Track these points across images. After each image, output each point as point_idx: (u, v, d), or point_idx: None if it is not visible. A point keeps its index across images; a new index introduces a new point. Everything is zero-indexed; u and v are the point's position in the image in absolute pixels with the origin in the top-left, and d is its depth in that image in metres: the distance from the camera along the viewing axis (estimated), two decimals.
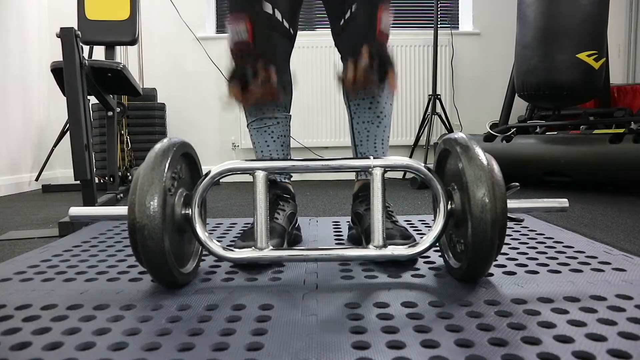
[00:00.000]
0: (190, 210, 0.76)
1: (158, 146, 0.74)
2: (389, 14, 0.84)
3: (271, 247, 0.78)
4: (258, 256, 0.77)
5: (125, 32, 2.22)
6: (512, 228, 1.23)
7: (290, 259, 0.78)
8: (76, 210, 0.78)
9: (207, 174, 0.78)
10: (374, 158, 0.78)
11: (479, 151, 0.71)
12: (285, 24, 0.97)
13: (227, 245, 1.09)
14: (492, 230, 0.67)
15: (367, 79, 0.76)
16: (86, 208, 0.79)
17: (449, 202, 0.75)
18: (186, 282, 0.78)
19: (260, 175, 0.77)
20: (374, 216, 0.77)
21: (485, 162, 0.69)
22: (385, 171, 0.77)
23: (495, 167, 0.71)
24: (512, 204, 0.73)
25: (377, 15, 0.81)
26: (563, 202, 0.77)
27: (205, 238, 0.76)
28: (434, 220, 0.77)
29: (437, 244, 0.79)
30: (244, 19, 0.81)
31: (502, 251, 0.99)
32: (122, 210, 0.76)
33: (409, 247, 0.77)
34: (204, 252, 0.98)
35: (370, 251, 0.77)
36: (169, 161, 0.71)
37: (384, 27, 0.82)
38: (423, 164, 0.78)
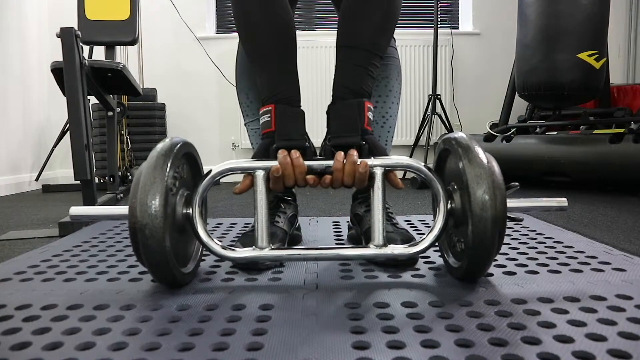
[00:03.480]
0: (191, 209, 0.76)
1: (160, 146, 0.74)
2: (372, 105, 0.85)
3: (271, 247, 0.78)
4: (258, 255, 0.77)
5: (125, 32, 2.22)
6: (512, 228, 1.23)
7: (290, 258, 0.78)
8: (77, 210, 0.78)
9: (207, 174, 0.78)
10: (374, 157, 0.78)
11: (479, 150, 0.71)
12: None
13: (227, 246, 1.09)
14: (492, 229, 0.67)
15: (356, 176, 0.77)
16: (87, 208, 0.79)
17: (449, 201, 0.75)
18: (186, 282, 0.78)
19: (261, 175, 0.77)
20: (374, 216, 0.77)
21: (485, 161, 0.69)
22: (385, 171, 0.77)
23: (495, 166, 0.71)
24: (511, 203, 0.73)
25: (364, 112, 0.82)
26: (562, 201, 0.77)
27: (206, 237, 0.76)
28: (433, 220, 0.77)
29: (437, 244, 0.79)
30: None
31: (502, 251, 0.99)
32: (123, 209, 0.76)
33: (409, 246, 0.77)
34: (204, 253, 0.99)
35: (370, 250, 0.77)
36: (171, 161, 0.71)
37: (370, 118, 0.84)
38: (423, 164, 0.78)
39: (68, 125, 2.34)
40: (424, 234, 1.20)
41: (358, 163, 0.76)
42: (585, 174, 2.14)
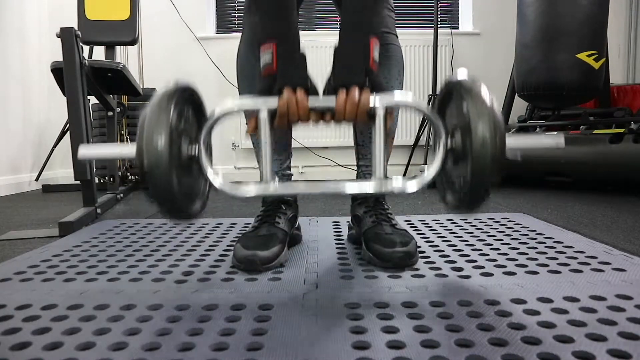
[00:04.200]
0: (196, 149, 0.76)
1: (164, 88, 0.74)
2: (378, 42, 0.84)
3: (277, 180, 0.78)
4: (264, 193, 0.77)
5: (125, 32, 2.22)
6: (512, 228, 1.23)
7: (295, 192, 0.79)
8: (85, 150, 0.77)
9: (212, 114, 0.78)
10: (377, 94, 0.78)
11: (482, 89, 0.72)
12: None
13: (226, 247, 1.09)
14: (491, 165, 0.68)
15: (359, 113, 0.78)
16: (96, 147, 0.78)
17: (449, 138, 0.76)
18: (194, 217, 0.78)
19: (264, 113, 0.78)
20: (376, 150, 0.77)
21: (488, 99, 0.70)
22: (386, 111, 0.78)
23: (496, 105, 0.72)
24: (510, 140, 0.74)
25: (370, 47, 0.82)
26: (559, 138, 0.78)
27: (213, 176, 0.76)
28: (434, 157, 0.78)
29: (436, 184, 0.79)
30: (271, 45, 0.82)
31: (502, 251, 0.99)
32: (130, 148, 0.76)
33: (410, 180, 0.77)
34: (206, 251, 0.99)
35: (371, 184, 0.77)
36: (174, 101, 0.71)
37: (375, 57, 0.83)
38: (425, 103, 0.79)
39: (68, 125, 2.34)
40: (424, 234, 1.20)
41: (359, 102, 0.77)
42: (585, 174, 2.14)
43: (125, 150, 0.77)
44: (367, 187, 0.77)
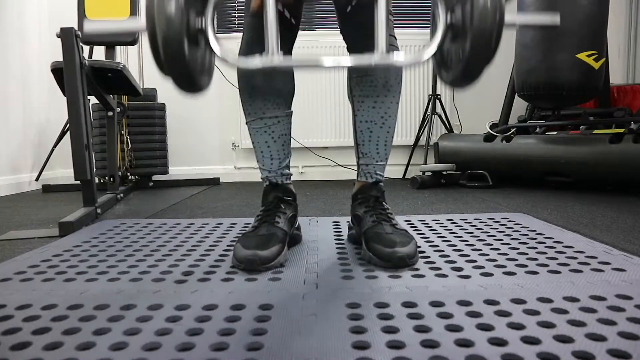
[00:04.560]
0: (203, 22, 0.77)
1: None
2: None
3: (281, 53, 0.78)
4: (269, 65, 0.78)
5: (125, 32, 2.22)
6: (512, 228, 1.23)
7: (299, 64, 0.79)
8: (92, 25, 0.77)
9: None
10: None
11: None
12: (287, 13, 0.97)
13: (226, 247, 1.09)
14: (489, 36, 0.69)
15: None
16: (103, 22, 0.78)
17: (449, 14, 0.76)
18: (201, 91, 0.79)
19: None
20: (378, 24, 0.77)
21: None
22: None
23: None
24: (508, 15, 0.75)
25: None
26: (555, 17, 0.79)
27: (219, 48, 0.77)
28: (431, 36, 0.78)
29: (433, 60, 0.79)
30: None
31: (502, 251, 0.99)
32: (138, 22, 0.76)
33: (411, 54, 0.77)
34: (211, 247, 0.98)
35: (374, 57, 0.77)
36: None
37: None
38: None
39: (68, 125, 2.34)
40: (424, 234, 1.20)
41: None
42: (585, 174, 2.14)
43: (133, 23, 0.77)
44: (370, 58, 0.77)
